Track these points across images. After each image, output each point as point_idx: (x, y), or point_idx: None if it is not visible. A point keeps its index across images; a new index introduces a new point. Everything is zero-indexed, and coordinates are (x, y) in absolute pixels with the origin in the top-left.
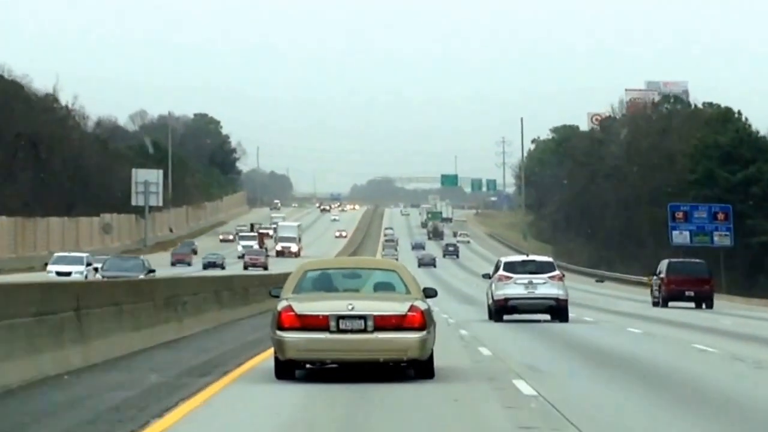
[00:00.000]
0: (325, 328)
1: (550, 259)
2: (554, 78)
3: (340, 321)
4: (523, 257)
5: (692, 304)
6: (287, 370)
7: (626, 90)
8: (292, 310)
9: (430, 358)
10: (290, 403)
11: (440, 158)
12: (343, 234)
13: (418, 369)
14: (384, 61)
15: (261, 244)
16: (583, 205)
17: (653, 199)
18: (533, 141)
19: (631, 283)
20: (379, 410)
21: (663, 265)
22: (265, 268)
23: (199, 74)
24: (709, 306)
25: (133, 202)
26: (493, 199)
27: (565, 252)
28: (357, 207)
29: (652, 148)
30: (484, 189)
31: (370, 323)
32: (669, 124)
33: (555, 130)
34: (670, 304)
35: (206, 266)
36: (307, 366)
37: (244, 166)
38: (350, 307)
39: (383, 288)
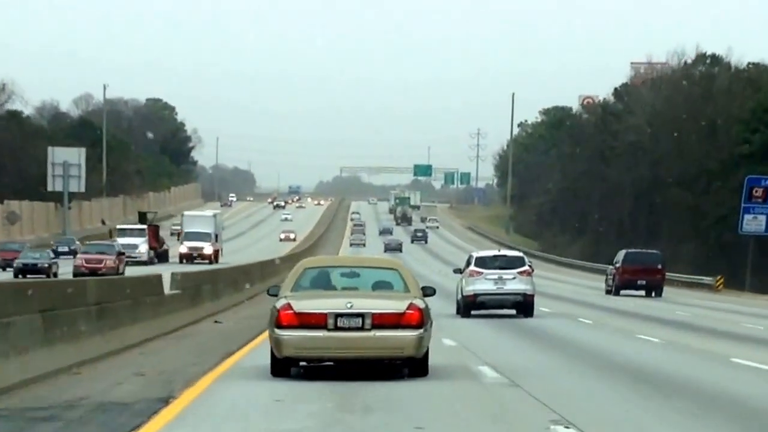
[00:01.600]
0: (323, 326)
1: (521, 254)
2: (537, 64)
3: (339, 319)
4: (495, 252)
5: (643, 293)
6: (283, 367)
7: (632, 63)
8: (291, 308)
9: (425, 355)
10: None
11: (412, 150)
12: (291, 236)
13: (413, 366)
14: (361, 50)
15: (155, 242)
16: (583, 192)
17: (682, 181)
18: (520, 125)
19: (676, 283)
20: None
21: (620, 255)
22: (117, 274)
23: (158, 61)
24: (659, 294)
25: (50, 187)
26: (463, 186)
27: (552, 247)
28: (322, 202)
29: (690, 118)
30: (458, 182)
31: (368, 321)
32: (709, 87)
33: (546, 111)
34: (622, 292)
35: (20, 272)
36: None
37: (204, 159)
38: (349, 305)
39: (382, 286)
